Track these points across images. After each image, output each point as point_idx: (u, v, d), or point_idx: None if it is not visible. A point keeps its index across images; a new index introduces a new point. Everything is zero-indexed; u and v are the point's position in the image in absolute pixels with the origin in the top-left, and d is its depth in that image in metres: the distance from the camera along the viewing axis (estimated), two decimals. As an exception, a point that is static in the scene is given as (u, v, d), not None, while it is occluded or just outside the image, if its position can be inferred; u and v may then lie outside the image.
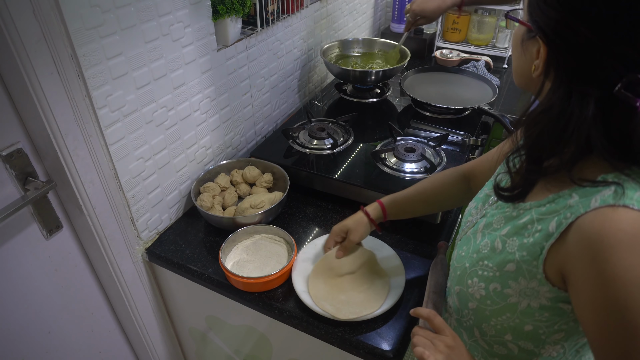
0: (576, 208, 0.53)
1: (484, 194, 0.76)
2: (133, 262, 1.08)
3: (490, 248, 0.65)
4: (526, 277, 0.59)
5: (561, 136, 0.52)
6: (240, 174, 1.24)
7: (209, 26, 1.07)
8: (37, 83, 0.75)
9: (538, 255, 0.57)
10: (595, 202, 0.51)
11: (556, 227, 0.54)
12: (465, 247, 0.72)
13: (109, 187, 0.95)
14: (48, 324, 0.99)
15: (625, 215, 0.48)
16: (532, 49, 0.57)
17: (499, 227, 0.65)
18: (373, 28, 2.19)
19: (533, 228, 0.59)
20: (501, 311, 0.64)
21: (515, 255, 0.60)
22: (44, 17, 0.72)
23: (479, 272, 0.66)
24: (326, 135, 1.32)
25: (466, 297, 0.69)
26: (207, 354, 1.35)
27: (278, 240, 1.06)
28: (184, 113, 1.09)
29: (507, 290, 0.62)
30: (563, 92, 0.52)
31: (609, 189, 0.51)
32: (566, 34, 0.50)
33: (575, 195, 0.54)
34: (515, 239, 0.61)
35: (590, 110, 0.50)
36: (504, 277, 0.62)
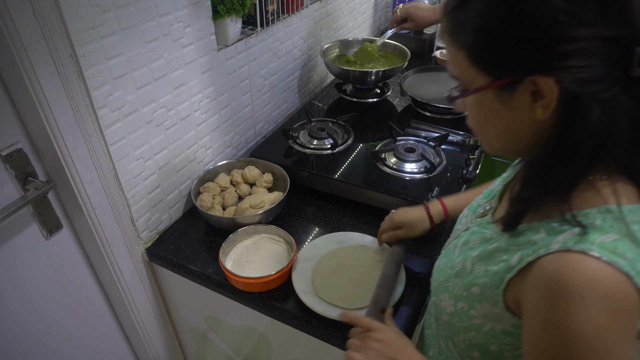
0: (538, 246, 0.51)
1: (477, 203, 0.75)
2: (133, 262, 1.08)
3: (462, 267, 0.64)
4: (489, 302, 0.58)
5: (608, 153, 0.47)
6: (240, 174, 1.24)
7: (209, 26, 1.07)
8: (37, 83, 0.75)
9: (499, 285, 0.56)
10: (555, 244, 0.49)
11: (517, 262, 0.53)
12: (444, 260, 0.71)
13: (109, 187, 0.95)
14: (48, 324, 0.99)
15: (580, 263, 0.46)
16: (523, 98, 0.49)
17: (474, 246, 0.64)
18: (373, 28, 2.19)
19: (500, 257, 0.57)
20: (468, 329, 0.63)
21: (480, 280, 0.59)
22: (44, 17, 0.72)
23: (450, 289, 0.65)
24: (326, 135, 1.32)
25: (440, 309, 0.68)
26: (207, 354, 1.35)
27: (278, 240, 1.06)
28: (184, 113, 1.09)
29: (472, 312, 0.61)
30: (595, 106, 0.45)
31: (573, 230, 0.48)
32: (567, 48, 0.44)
33: (542, 230, 0.52)
34: (483, 263, 0.60)
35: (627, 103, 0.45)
36: (470, 298, 0.61)
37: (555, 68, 0.45)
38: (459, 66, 0.53)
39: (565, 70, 0.45)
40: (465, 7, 0.50)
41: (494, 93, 0.51)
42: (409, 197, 1.09)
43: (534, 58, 0.46)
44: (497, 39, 0.48)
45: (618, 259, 0.45)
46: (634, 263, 0.45)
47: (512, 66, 0.48)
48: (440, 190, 1.11)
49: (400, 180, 1.16)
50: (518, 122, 0.52)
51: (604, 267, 0.45)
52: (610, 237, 0.47)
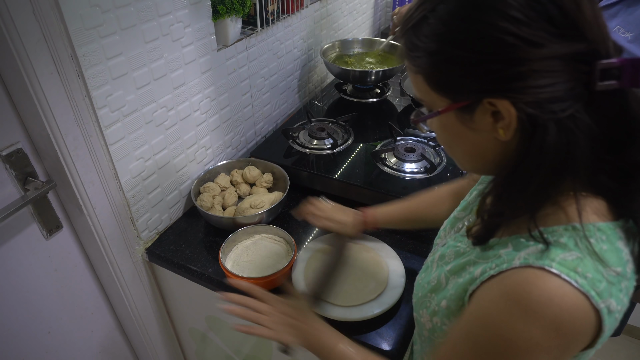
0: (502, 261, 0.50)
1: (454, 217, 0.73)
2: (133, 262, 1.08)
3: (437, 282, 0.63)
4: (456, 316, 0.57)
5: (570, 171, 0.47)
6: (240, 174, 1.24)
7: (209, 26, 1.07)
8: (37, 83, 0.75)
9: (462, 297, 0.56)
10: (518, 260, 0.48)
11: (480, 274, 0.52)
12: (423, 275, 0.69)
13: (109, 187, 0.95)
14: (48, 324, 0.99)
15: (538, 279, 0.45)
16: (484, 119, 0.49)
17: (449, 261, 0.63)
18: (373, 28, 2.19)
19: (468, 270, 0.57)
20: None
21: (449, 293, 0.59)
22: (44, 17, 0.72)
23: (426, 304, 0.64)
24: (326, 135, 1.32)
25: (420, 325, 0.68)
26: (207, 354, 1.35)
27: (278, 240, 1.06)
28: (184, 113, 1.09)
29: (445, 327, 0.60)
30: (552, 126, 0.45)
31: (537, 246, 0.48)
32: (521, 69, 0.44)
33: (510, 245, 0.52)
34: (455, 277, 0.59)
35: (587, 122, 0.45)
36: (442, 313, 0.60)
37: (509, 90, 0.45)
38: (419, 89, 0.53)
39: (520, 92, 0.45)
40: (416, 32, 0.49)
41: (455, 115, 0.51)
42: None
43: (487, 81, 0.46)
44: (449, 63, 0.48)
45: (577, 277, 0.45)
46: (594, 283, 0.45)
47: (467, 89, 0.48)
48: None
49: (400, 180, 1.16)
50: (483, 142, 0.52)
51: (562, 286, 0.44)
52: (573, 255, 0.46)
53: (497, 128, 0.48)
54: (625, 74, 0.43)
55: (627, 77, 0.43)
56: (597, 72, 0.44)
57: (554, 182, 0.48)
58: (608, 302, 0.45)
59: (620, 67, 0.43)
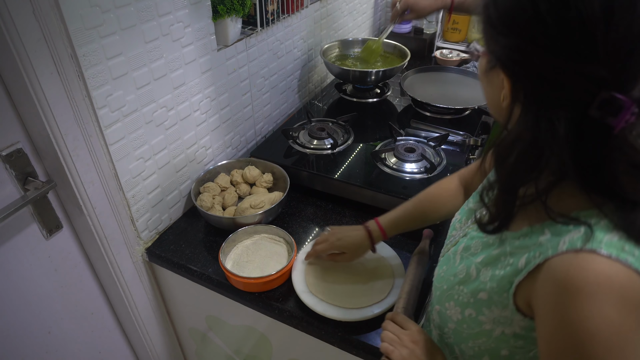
0: (545, 248, 0.52)
1: (468, 208, 0.74)
2: (133, 262, 1.08)
3: (466, 274, 0.64)
4: (499, 306, 0.58)
5: (534, 164, 0.51)
6: (240, 174, 1.24)
7: (209, 26, 1.07)
8: (37, 83, 0.75)
9: (508, 289, 0.56)
10: (563, 244, 0.49)
11: (525, 265, 0.54)
12: (445, 267, 0.70)
13: (109, 187, 0.95)
14: (48, 324, 0.99)
15: (591, 263, 0.46)
16: (496, 80, 0.55)
17: (476, 252, 0.64)
18: (373, 28, 2.19)
19: (505, 261, 0.58)
20: (477, 335, 0.63)
21: (487, 285, 0.59)
22: (44, 17, 0.72)
23: (455, 297, 0.65)
24: (326, 135, 1.32)
25: (445, 317, 0.68)
26: (207, 354, 1.35)
27: (278, 240, 1.06)
28: (184, 113, 1.09)
29: (481, 317, 0.61)
30: (532, 118, 0.49)
31: (579, 229, 0.49)
32: (522, 60, 0.49)
33: (547, 231, 0.53)
34: (489, 268, 0.60)
35: (561, 134, 0.47)
36: (477, 305, 0.61)
37: (515, 72, 0.51)
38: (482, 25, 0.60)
39: (521, 76, 0.50)
40: None
41: (485, 62, 0.57)
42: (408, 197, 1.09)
43: (505, 53, 0.51)
44: (489, 21, 0.53)
45: (627, 256, 0.46)
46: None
47: (493, 49, 0.53)
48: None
49: (400, 180, 1.16)
50: (493, 98, 0.58)
51: (614, 265, 0.45)
52: (616, 236, 0.47)
53: (501, 93, 0.54)
54: (621, 113, 0.45)
55: (621, 116, 0.45)
56: (599, 99, 0.45)
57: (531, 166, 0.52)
58: None
59: (621, 105, 0.45)
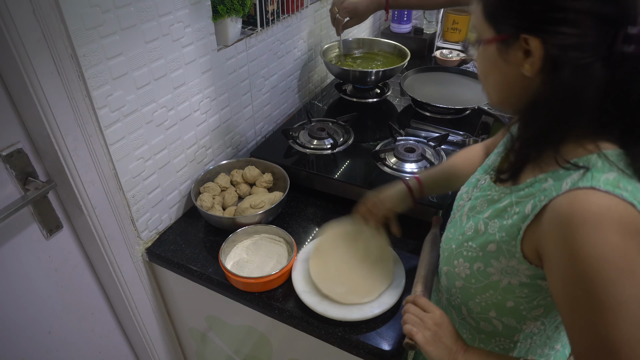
0: (549, 191, 0.56)
1: (475, 179, 0.78)
2: (133, 262, 1.08)
3: (474, 230, 0.68)
4: (506, 256, 0.62)
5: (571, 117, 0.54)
6: (240, 174, 1.24)
7: (209, 26, 1.07)
8: (37, 83, 0.75)
9: (516, 236, 0.60)
10: (566, 185, 0.54)
11: (531, 209, 0.58)
12: (452, 230, 0.75)
13: (109, 187, 0.95)
14: (48, 324, 0.99)
15: (591, 197, 0.51)
16: (516, 55, 0.57)
17: (482, 209, 0.68)
18: (373, 28, 2.19)
19: (512, 210, 0.62)
20: (485, 289, 0.67)
21: (496, 236, 0.63)
22: (44, 17, 0.72)
23: (464, 253, 0.69)
24: (326, 135, 1.32)
25: (453, 276, 0.72)
26: (207, 354, 1.35)
27: (278, 240, 1.06)
28: (184, 113, 1.09)
29: (489, 269, 0.65)
30: (568, 70, 0.52)
31: (579, 172, 0.54)
32: (555, 16, 0.52)
33: (550, 179, 0.57)
34: (496, 220, 0.64)
35: (599, 74, 0.51)
36: (486, 257, 0.65)
37: (543, 31, 0.53)
38: (476, 17, 0.61)
39: (551, 34, 0.53)
40: None
41: (496, 46, 0.59)
42: (409, 197, 1.09)
43: (527, 19, 0.54)
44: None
45: (622, 191, 0.51)
46: (634, 194, 0.51)
47: (510, 23, 0.56)
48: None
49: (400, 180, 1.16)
50: (512, 75, 0.59)
51: (612, 198, 0.50)
52: (612, 175, 0.53)
53: (525, 64, 0.56)
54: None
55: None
56: (620, 36, 0.50)
57: (564, 119, 0.55)
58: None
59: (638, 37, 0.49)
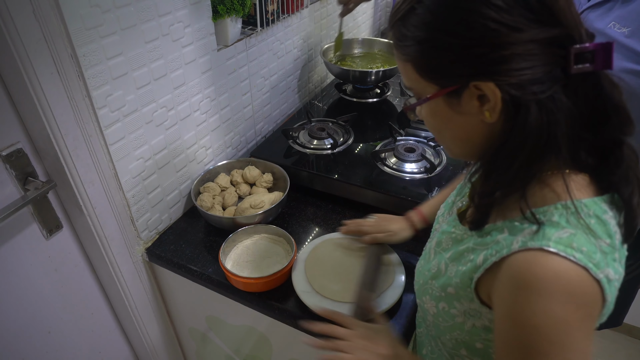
0: (501, 246, 0.53)
1: (451, 201, 0.75)
2: (133, 262, 1.08)
3: (437, 269, 0.65)
4: (466, 300, 0.60)
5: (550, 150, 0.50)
6: (240, 174, 1.24)
7: (209, 26, 1.07)
8: (37, 83, 0.75)
9: (469, 284, 0.58)
10: (516, 244, 0.51)
11: (482, 262, 0.55)
12: (422, 262, 0.72)
13: (109, 187, 0.95)
14: (48, 324, 0.99)
15: (540, 259, 0.48)
16: (471, 103, 0.52)
17: (447, 247, 0.65)
18: (373, 28, 2.19)
19: (468, 257, 0.59)
20: (452, 328, 0.64)
21: (453, 280, 0.61)
22: (44, 17, 0.72)
23: (429, 291, 0.66)
24: (326, 135, 1.32)
25: (424, 311, 0.70)
26: (207, 354, 1.35)
27: (278, 240, 1.06)
28: (184, 113, 1.09)
29: (452, 311, 0.62)
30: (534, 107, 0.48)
31: (531, 228, 0.51)
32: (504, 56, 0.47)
33: (506, 230, 0.54)
34: (455, 264, 0.61)
35: (565, 103, 0.48)
36: (449, 298, 0.62)
37: (494, 72, 0.48)
38: (409, 77, 0.56)
39: (504, 74, 0.48)
40: (405, 22, 0.53)
41: (443, 100, 0.54)
42: (409, 197, 1.09)
43: (473, 65, 0.49)
44: (437, 50, 0.51)
45: (574, 252, 0.47)
46: (589, 255, 0.47)
47: (454, 74, 0.51)
48: (439, 190, 1.11)
49: (400, 180, 1.16)
50: (470, 126, 0.55)
51: (562, 262, 0.47)
52: (567, 232, 0.49)
53: (484, 111, 0.51)
54: (598, 58, 0.47)
55: (600, 60, 0.47)
56: (572, 56, 0.47)
57: (537, 159, 0.51)
58: (606, 271, 0.48)
59: (593, 51, 0.47)
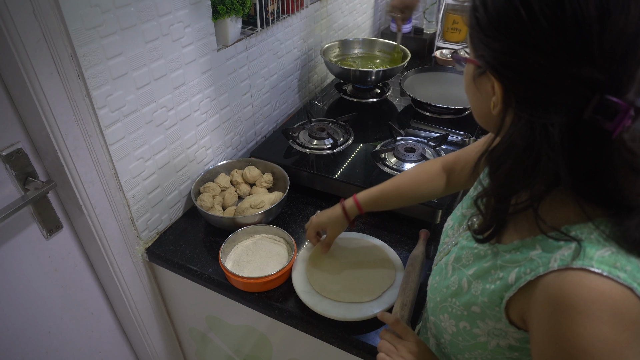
0: (536, 264, 0.51)
1: (460, 213, 0.73)
2: (133, 262, 1.08)
3: (458, 286, 0.63)
4: (492, 319, 0.58)
5: (528, 172, 0.49)
6: (240, 174, 1.24)
7: (209, 26, 1.07)
8: (37, 83, 0.75)
9: (499, 304, 0.56)
10: (554, 262, 0.49)
11: (515, 280, 0.53)
12: (437, 278, 0.70)
13: (109, 187, 0.95)
14: (48, 324, 0.99)
15: (584, 279, 0.46)
16: (486, 86, 0.52)
17: (467, 263, 0.63)
18: (373, 28, 2.19)
19: (496, 274, 0.57)
20: (473, 347, 0.62)
21: (479, 299, 0.59)
22: (44, 17, 0.72)
23: (448, 309, 0.64)
24: (326, 135, 1.32)
25: (440, 329, 0.68)
26: (207, 354, 1.35)
27: (278, 240, 1.06)
28: (184, 113, 1.09)
29: (475, 330, 0.60)
30: (524, 125, 0.47)
31: (569, 246, 0.49)
32: (515, 63, 0.46)
33: (538, 246, 0.52)
34: (480, 282, 0.59)
35: (556, 140, 0.45)
36: (471, 317, 0.60)
37: (507, 76, 0.48)
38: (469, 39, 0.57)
39: (514, 82, 0.48)
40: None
41: (473, 69, 0.54)
42: (409, 197, 1.09)
43: (494, 56, 0.49)
44: (478, 25, 0.50)
45: (619, 272, 0.45)
46: (634, 275, 0.45)
47: (482, 54, 0.51)
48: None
49: (400, 180, 1.16)
50: (482, 106, 0.56)
51: (606, 282, 0.45)
52: (608, 251, 0.47)
53: (492, 99, 0.52)
54: (617, 117, 0.43)
55: (617, 120, 0.43)
56: (593, 102, 0.44)
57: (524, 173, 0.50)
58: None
59: (617, 109, 0.43)
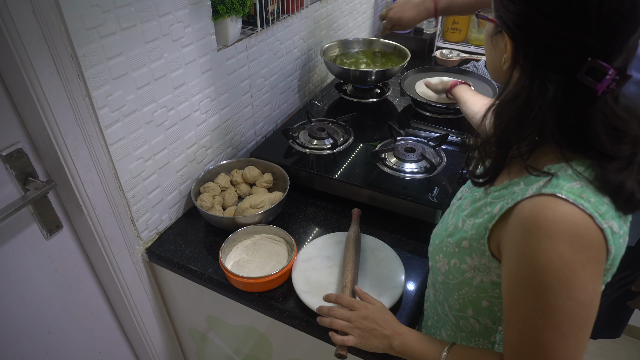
0: (517, 195, 0.58)
1: None
2: (133, 262, 1.08)
3: (454, 226, 0.71)
4: (477, 253, 0.64)
5: (525, 122, 0.56)
6: (240, 174, 1.24)
7: (209, 26, 1.07)
8: (37, 83, 0.75)
9: (483, 235, 0.62)
10: (531, 190, 0.56)
11: (498, 211, 0.60)
12: (440, 226, 0.77)
13: (109, 187, 0.95)
14: (48, 324, 0.99)
15: (550, 203, 0.53)
16: (501, 44, 0.60)
17: (465, 208, 0.71)
18: (373, 28, 2.19)
19: (485, 210, 0.64)
20: (461, 285, 0.69)
21: (469, 233, 0.66)
22: (44, 17, 0.72)
23: (444, 249, 0.72)
24: (326, 135, 1.32)
25: (436, 272, 0.75)
26: (207, 354, 1.35)
27: (278, 240, 1.06)
28: (184, 113, 1.09)
29: (463, 266, 0.67)
30: (527, 80, 0.55)
31: (546, 179, 0.56)
32: (526, 25, 0.54)
33: (522, 183, 0.59)
34: (472, 219, 0.67)
35: (550, 94, 0.53)
36: (461, 253, 0.67)
37: (517, 37, 0.56)
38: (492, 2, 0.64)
39: (523, 43, 0.55)
40: None
41: (492, 27, 0.63)
42: (408, 197, 1.09)
43: (510, 17, 0.56)
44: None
45: (583, 202, 0.52)
46: (596, 206, 0.53)
47: (502, 14, 0.57)
48: (439, 190, 1.11)
49: (400, 180, 1.16)
50: (495, 61, 0.64)
51: (570, 207, 0.52)
52: (578, 184, 0.54)
53: (503, 56, 0.60)
54: (604, 79, 0.50)
55: (604, 82, 0.50)
56: (587, 65, 0.51)
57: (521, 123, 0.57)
58: (610, 223, 0.53)
59: (605, 72, 0.50)
